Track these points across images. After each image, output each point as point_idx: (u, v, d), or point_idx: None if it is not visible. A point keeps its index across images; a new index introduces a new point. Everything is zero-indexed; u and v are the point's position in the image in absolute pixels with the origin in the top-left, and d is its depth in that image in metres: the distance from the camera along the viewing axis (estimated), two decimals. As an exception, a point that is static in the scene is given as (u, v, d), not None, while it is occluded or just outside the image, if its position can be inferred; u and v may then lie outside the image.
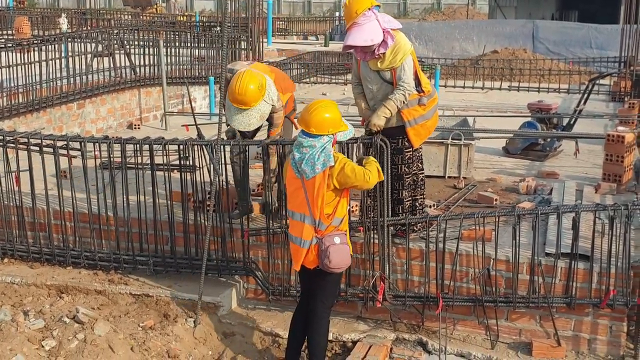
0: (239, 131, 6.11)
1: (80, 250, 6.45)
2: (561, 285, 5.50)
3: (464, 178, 7.87)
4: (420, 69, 5.77)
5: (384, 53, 5.55)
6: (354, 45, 5.56)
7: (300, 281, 5.34)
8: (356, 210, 6.20)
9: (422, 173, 5.98)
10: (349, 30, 5.56)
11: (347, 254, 4.85)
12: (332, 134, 4.75)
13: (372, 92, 5.75)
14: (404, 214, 5.80)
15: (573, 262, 5.41)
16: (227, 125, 6.03)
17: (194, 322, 5.79)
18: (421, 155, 5.98)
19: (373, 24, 5.49)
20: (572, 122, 9.74)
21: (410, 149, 5.74)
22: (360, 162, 5.06)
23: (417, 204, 5.92)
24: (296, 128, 6.18)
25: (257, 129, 6.19)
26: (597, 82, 11.05)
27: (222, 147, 5.86)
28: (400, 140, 5.70)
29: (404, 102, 5.59)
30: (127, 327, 5.58)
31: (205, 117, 11.76)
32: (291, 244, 5.02)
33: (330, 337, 5.60)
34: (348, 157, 5.55)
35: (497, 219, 5.60)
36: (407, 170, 5.78)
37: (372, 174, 4.83)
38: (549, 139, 9.12)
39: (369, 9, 5.50)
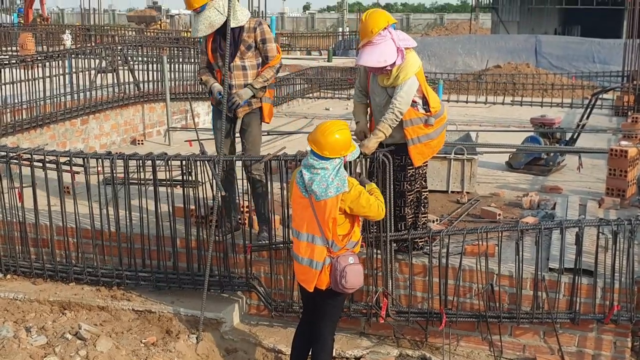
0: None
1: (83, 266, 6.44)
2: (565, 300, 5.47)
3: (467, 193, 7.87)
4: (428, 88, 5.73)
5: (391, 70, 5.52)
6: (366, 65, 5.55)
7: (302, 298, 5.30)
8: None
9: (426, 191, 5.95)
10: (363, 48, 5.50)
11: (361, 274, 4.79)
12: (343, 156, 4.73)
13: (379, 105, 5.72)
14: (406, 231, 5.79)
15: (576, 277, 5.39)
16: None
17: (196, 338, 5.78)
18: (425, 173, 5.95)
19: (388, 44, 5.43)
20: (575, 137, 9.75)
21: (413, 166, 5.73)
22: (361, 183, 5.00)
23: (419, 221, 5.90)
24: (267, 120, 6.26)
25: (233, 128, 6.23)
26: (600, 96, 11.06)
27: (225, 162, 5.87)
28: (403, 157, 5.69)
29: (395, 121, 5.51)
30: (129, 343, 5.57)
31: (208, 133, 11.78)
32: (296, 264, 4.93)
33: (333, 354, 5.58)
34: (349, 172, 5.56)
35: (500, 234, 5.59)
36: (409, 187, 5.77)
37: (382, 203, 4.84)
38: (552, 154, 9.12)
39: (385, 27, 5.43)
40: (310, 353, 5.11)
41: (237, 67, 6.05)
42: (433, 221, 6.61)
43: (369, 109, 5.94)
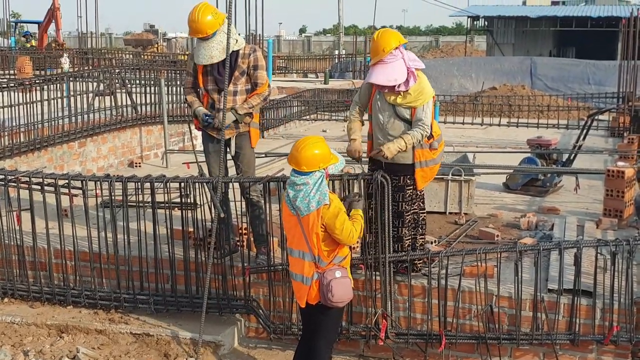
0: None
1: (81, 289, 6.42)
2: (564, 321, 5.46)
3: (465, 214, 7.88)
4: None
5: (406, 91, 5.58)
6: (377, 84, 5.61)
7: (302, 319, 5.30)
8: (357, 247, 6.18)
9: (424, 212, 5.96)
10: (374, 66, 5.60)
11: (348, 288, 4.83)
12: (324, 169, 4.76)
13: (382, 124, 5.74)
14: (405, 253, 5.78)
15: (576, 298, 5.39)
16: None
17: (196, 361, 5.75)
18: (423, 194, 5.97)
19: (399, 63, 5.53)
20: (571, 158, 9.79)
21: (411, 187, 5.74)
22: (351, 204, 5.03)
23: (417, 243, 5.90)
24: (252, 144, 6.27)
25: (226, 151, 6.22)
26: (596, 117, 11.13)
27: (223, 184, 5.88)
28: (402, 177, 5.71)
29: (419, 142, 5.59)
30: (127, 367, 5.54)
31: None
32: (293, 281, 5.00)
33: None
34: (347, 192, 5.58)
35: (499, 255, 5.59)
36: (407, 208, 5.78)
37: (356, 232, 4.83)
38: (549, 175, 9.14)
39: (397, 47, 5.52)
40: None
41: (228, 92, 6.03)
42: (431, 242, 6.61)
43: (363, 127, 5.97)
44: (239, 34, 6.17)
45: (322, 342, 4.97)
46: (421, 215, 5.91)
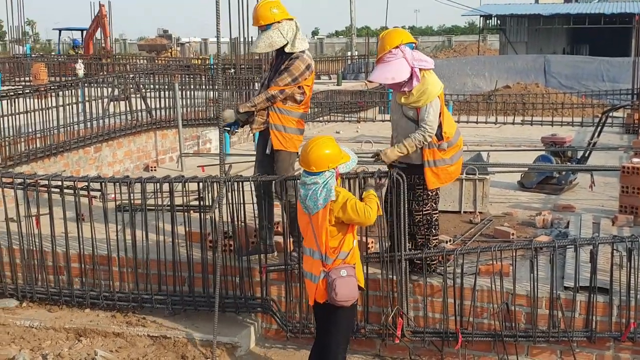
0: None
1: (99, 291, 6.47)
2: (581, 319, 5.45)
3: (480, 213, 7.87)
4: (446, 112, 5.82)
5: (410, 91, 5.64)
6: (376, 81, 5.75)
7: (315, 319, 5.33)
8: (372, 247, 6.20)
9: (436, 213, 5.96)
10: (377, 64, 5.76)
11: (353, 287, 4.82)
12: (333, 169, 4.79)
13: (395, 122, 5.91)
14: (419, 251, 5.79)
15: (592, 295, 5.37)
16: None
17: (212, 362, 5.78)
18: (436, 195, 5.96)
19: (399, 62, 5.58)
20: (586, 155, 9.74)
21: (421, 187, 5.76)
22: (365, 188, 5.11)
23: (430, 243, 5.91)
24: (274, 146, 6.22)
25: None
26: (611, 114, 11.05)
27: (237, 184, 5.92)
28: (412, 177, 5.73)
29: (422, 143, 5.62)
30: (145, 369, 5.58)
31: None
32: (305, 279, 5.07)
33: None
34: (358, 187, 5.60)
35: (514, 253, 5.59)
36: (417, 207, 5.79)
37: (372, 210, 4.84)
38: (564, 172, 9.11)
39: (397, 46, 5.59)
40: None
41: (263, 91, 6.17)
42: (446, 242, 6.61)
43: None
44: (303, 42, 6.15)
45: (334, 341, 4.97)
46: (434, 216, 5.90)
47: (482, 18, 46.08)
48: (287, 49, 6.03)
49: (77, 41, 31.88)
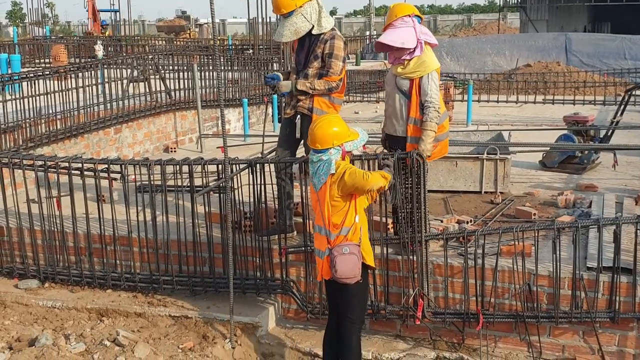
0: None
1: (121, 272, 6.51)
2: (604, 299, 5.40)
3: (501, 193, 7.81)
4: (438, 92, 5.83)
5: (409, 60, 5.71)
6: (384, 43, 5.75)
7: (327, 299, 5.33)
8: (391, 228, 6.16)
9: (419, 188, 5.78)
10: (385, 30, 5.82)
11: (354, 265, 4.76)
12: (339, 146, 4.78)
13: (387, 93, 6.03)
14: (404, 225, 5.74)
15: (615, 275, 5.32)
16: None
17: (233, 342, 5.80)
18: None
19: (409, 30, 5.70)
20: (609, 134, 9.63)
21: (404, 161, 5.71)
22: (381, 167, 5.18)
23: (412, 217, 5.74)
24: None
25: (296, 138, 6.17)
26: (633, 93, 10.89)
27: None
28: (398, 149, 5.77)
29: (437, 116, 5.65)
30: (166, 349, 5.62)
31: (239, 139, 11.86)
32: (315, 256, 5.10)
33: (369, 357, 5.56)
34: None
35: (536, 234, 5.53)
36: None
37: (372, 175, 4.80)
38: (586, 152, 9.01)
39: (409, 15, 5.72)
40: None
41: (301, 75, 6.02)
42: (467, 222, 6.57)
43: None
44: (329, 19, 6.01)
45: (347, 320, 4.97)
46: (417, 190, 5.82)
47: (502, -4, 45.54)
48: (314, 32, 5.91)
49: (105, 21, 32.03)
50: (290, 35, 5.93)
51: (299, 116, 6.07)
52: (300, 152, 6.34)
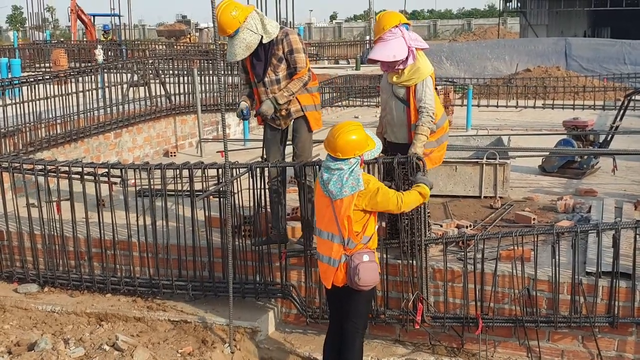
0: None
1: (120, 276, 6.51)
2: (603, 304, 5.40)
3: (500, 198, 7.82)
4: (435, 96, 5.84)
5: (403, 69, 5.74)
6: (376, 59, 5.80)
7: (328, 304, 5.33)
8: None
9: None
10: (375, 44, 5.85)
11: (375, 272, 4.83)
12: (359, 156, 4.76)
13: (383, 100, 6.07)
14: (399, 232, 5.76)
15: (614, 280, 5.32)
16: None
17: (232, 347, 5.80)
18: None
19: (398, 41, 5.70)
20: (608, 139, 9.63)
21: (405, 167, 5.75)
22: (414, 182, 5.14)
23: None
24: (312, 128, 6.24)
25: (283, 140, 6.24)
26: (633, 98, 10.90)
27: (258, 170, 5.92)
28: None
29: (430, 122, 5.69)
30: (166, 353, 5.61)
31: (239, 143, 11.87)
32: (319, 262, 5.03)
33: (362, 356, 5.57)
34: (384, 175, 5.56)
35: (535, 238, 5.54)
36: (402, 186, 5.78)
37: (405, 198, 4.82)
38: (585, 157, 9.02)
39: (396, 26, 5.72)
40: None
41: (271, 82, 6.04)
42: (466, 227, 6.58)
43: None
44: (272, 23, 6.06)
45: (352, 325, 4.98)
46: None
47: (502, 1, 45.64)
48: (265, 41, 5.94)
49: (107, 26, 31.99)
50: (243, 53, 5.93)
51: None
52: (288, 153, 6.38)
